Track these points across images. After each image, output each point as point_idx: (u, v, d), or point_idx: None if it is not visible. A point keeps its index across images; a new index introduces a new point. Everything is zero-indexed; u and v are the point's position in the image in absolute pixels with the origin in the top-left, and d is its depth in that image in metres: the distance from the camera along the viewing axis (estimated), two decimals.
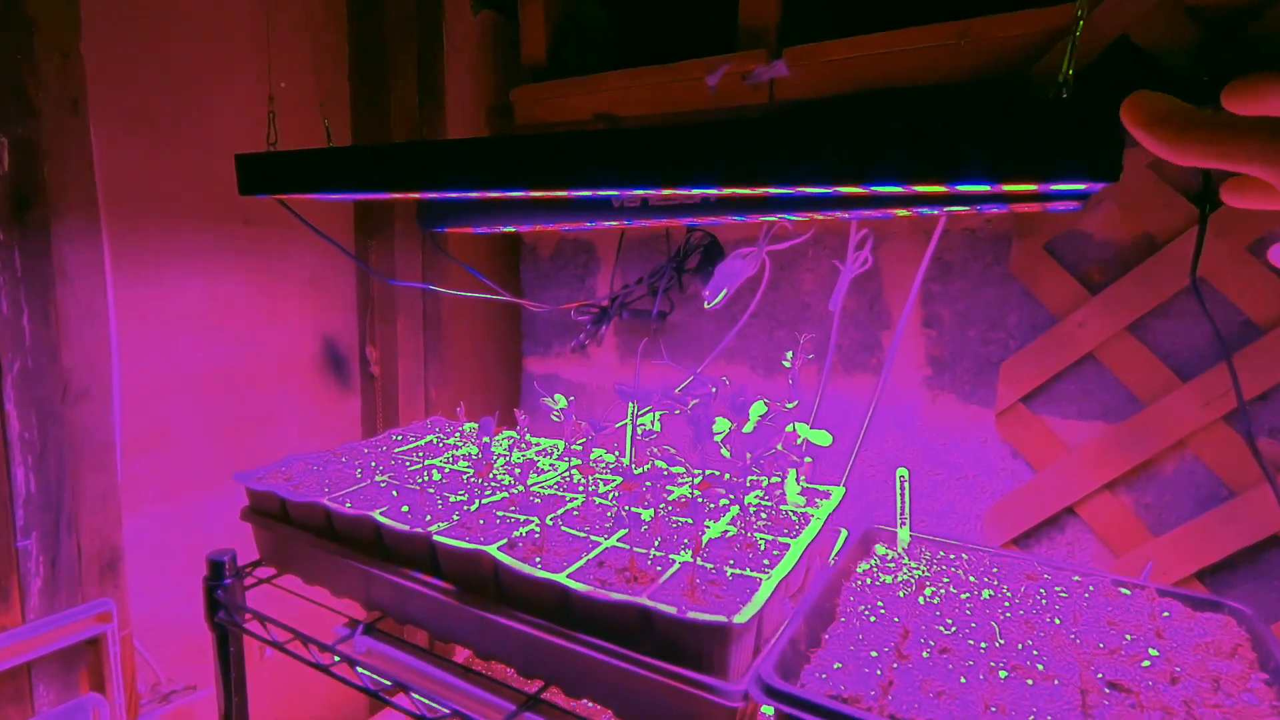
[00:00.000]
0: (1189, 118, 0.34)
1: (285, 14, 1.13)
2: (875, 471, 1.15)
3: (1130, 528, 0.96)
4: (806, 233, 1.12)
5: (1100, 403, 0.97)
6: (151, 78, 0.96)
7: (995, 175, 0.47)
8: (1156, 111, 0.35)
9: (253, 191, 0.86)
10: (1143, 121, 0.35)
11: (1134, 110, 0.35)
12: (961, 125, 0.47)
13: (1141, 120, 0.35)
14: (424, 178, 0.71)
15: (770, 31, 1.16)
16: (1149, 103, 0.35)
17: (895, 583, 0.72)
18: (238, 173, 0.84)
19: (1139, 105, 0.35)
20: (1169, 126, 0.34)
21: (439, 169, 0.70)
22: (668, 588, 0.65)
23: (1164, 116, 0.34)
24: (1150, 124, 0.35)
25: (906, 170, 0.49)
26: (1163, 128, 0.34)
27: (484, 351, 1.46)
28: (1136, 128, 0.35)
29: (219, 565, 0.88)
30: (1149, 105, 0.35)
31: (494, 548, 0.70)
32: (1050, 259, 0.98)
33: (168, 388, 1.02)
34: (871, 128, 0.49)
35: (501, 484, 0.89)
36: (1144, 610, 0.68)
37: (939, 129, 0.47)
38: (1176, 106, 0.34)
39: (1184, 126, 0.34)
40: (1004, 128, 0.46)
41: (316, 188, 0.82)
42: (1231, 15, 0.86)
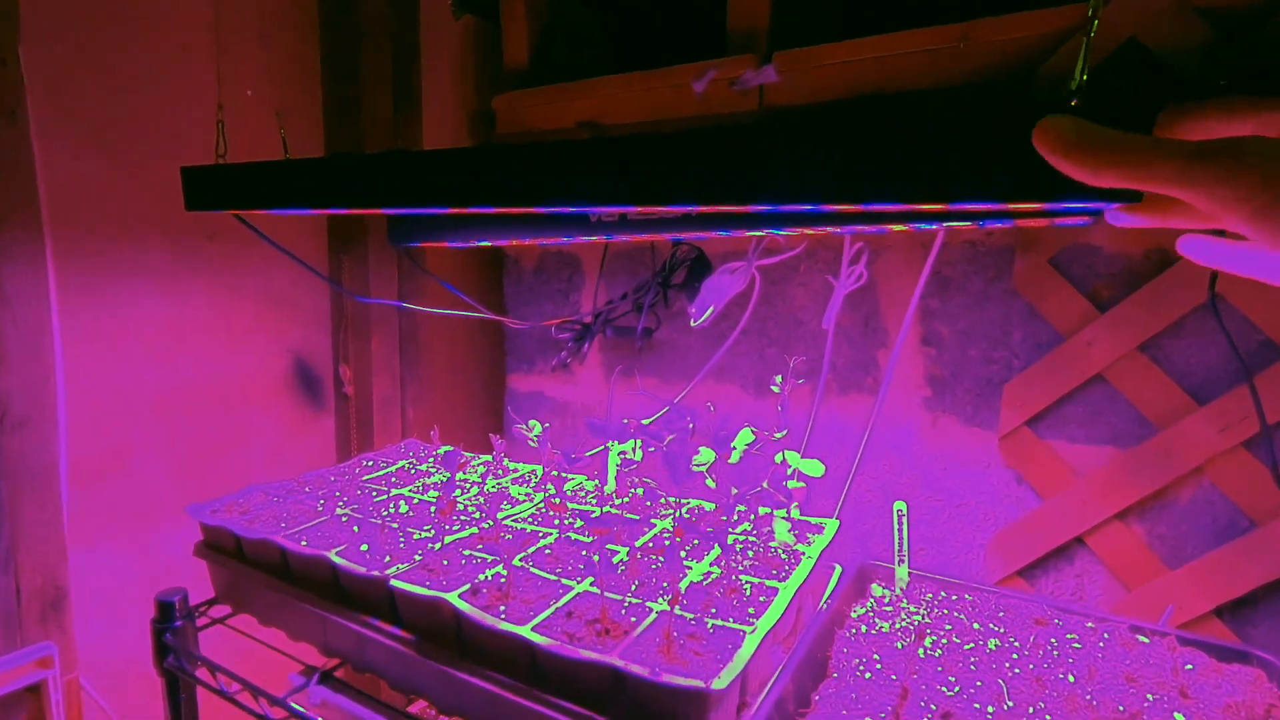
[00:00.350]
0: (1102, 141, 0.33)
1: (251, 21, 1.08)
2: (871, 498, 1.09)
3: (1143, 560, 0.90)
4: (798, 246, 1.07)
5: (1110, 426, 0.92)
6: (101, 86, 0.91)
7: (1000, 195, 0.41)
8: (1066, 137, 0.34)
9: (200, 207, 0.80)
10: (1053, 148, 0.34)
11: (1044, 137, 0.35)
12: (963, 143, 0.41)
13: (1052, 146, 0.35)
14: (382, 192, 0.66)
15: (760, 35, 1.11)
16: (1057, 128, 0.35)
17: (893, 630, 0.67)
18: (184, 186, 0.78)
19: (1048, 131, 0.35)
20: (1080, 151, 0.34)
21: (397, 183, 0.65)
22: (643, 641, 0.59)
23: (1074, 141, 0.34)
24: (1062, 150, 0.34)
25: (901, 193, 0.44)
26: (1076, 153, 0.34)
27: (464, 369, 1.40)
28: (1049, 154, 0.35)
29: (168, 606, 0.82)
30: (1057, 131, 0.34)
31: (454, 595, 0.64)
32: (1056, 274, 0.92)
33: (122, 413, 0.96)
34: (864, 145, 0.44)
35: (471, 517, 0.84)
36: (1165, 663, 0.62)
37: (938, 147, 0.41)
38: (1086, 130, 0.34)
39: (1096, 150, 0.33)
40: (1011, 144, 0.40)
41: (269, 203, 0.76)
42: (1245, 15, 0.80)
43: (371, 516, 0.84)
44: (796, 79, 1.04)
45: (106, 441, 0.95)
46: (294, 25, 1.16)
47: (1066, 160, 0.34)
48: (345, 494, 0.91)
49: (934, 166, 0.42)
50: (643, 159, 0.51)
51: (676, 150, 0.50)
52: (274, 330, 1.17)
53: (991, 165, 0.41)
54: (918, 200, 0.44)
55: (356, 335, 1.24)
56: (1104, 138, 0.33)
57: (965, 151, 0.41)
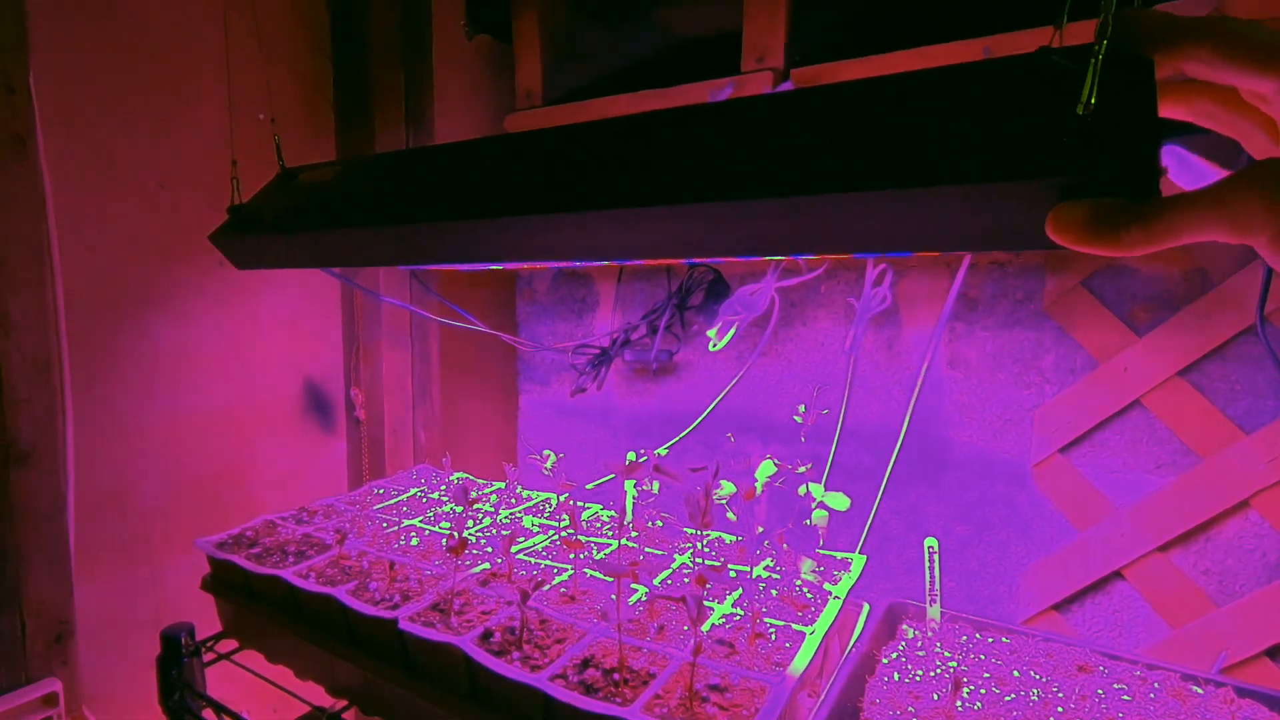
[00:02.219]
0: (1117, 220, 0.32)
1: (262, 44, 1.07)
2: (897, 530, 1.05)
3: (1188, 596, 0.86)
4: (819, 268, 1.04)
5: (1150, 455, 0.88)
6: (112, 114, 0.91)
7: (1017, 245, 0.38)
8: (1082, 221, 0.33)
9: (247, 266, 0.80)
10: (1073, 239, 0.33)
11: (1059, 227, 0.33)
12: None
13: (1071, 238, 0.33)
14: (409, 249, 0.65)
15: (776, 52, 1.09)
16: (1070, 216, 0.33)
17: (927, 678, 0.63)
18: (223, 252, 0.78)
19: (1062, 221, 0.33)
20: (1099, 236, 0.32)
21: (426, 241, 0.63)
22: (664, 695, 0.56)
23: (1091, 229, 0.32)
24: (1081, 239, 0.33)
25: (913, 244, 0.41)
26: (1095, 240, 0.32)
27: (478, 392, 1.38)
28: (1069, 244, 0.33)
29: (174, 642, 0.80)
30: (1070, 219, 0.33)
31: (467, 640, 0.62)
32: (1090, 296, 0.89)
33: (130, 443, 0.95)
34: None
35: (484, 551, 0.81)
36: (1223, 717, 0.58)
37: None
38: (1102, 208, 0.32)
39: (1114, 231, 0.32)
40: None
41: (286, 263, 0.76)
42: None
43: (382, 550, 0.81)
44: None
45: (114, 472, 0.93)
46: (306, 48, 1.15)
47: (1088, 247, 0.33)
48: (355, 525, 0.89)
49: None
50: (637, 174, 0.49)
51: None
52: (285, 354, 1.16)
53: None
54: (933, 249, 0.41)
55: (368, 358, 1.23)
56: (1121, 209, 0.32)
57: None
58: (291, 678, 0.80)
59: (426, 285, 1.22)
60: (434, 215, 0.62)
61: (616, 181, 0.52)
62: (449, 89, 1.29)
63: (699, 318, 1.06)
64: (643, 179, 0.51)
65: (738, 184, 0.45)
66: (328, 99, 1.20)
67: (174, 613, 0.84)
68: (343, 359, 1.25)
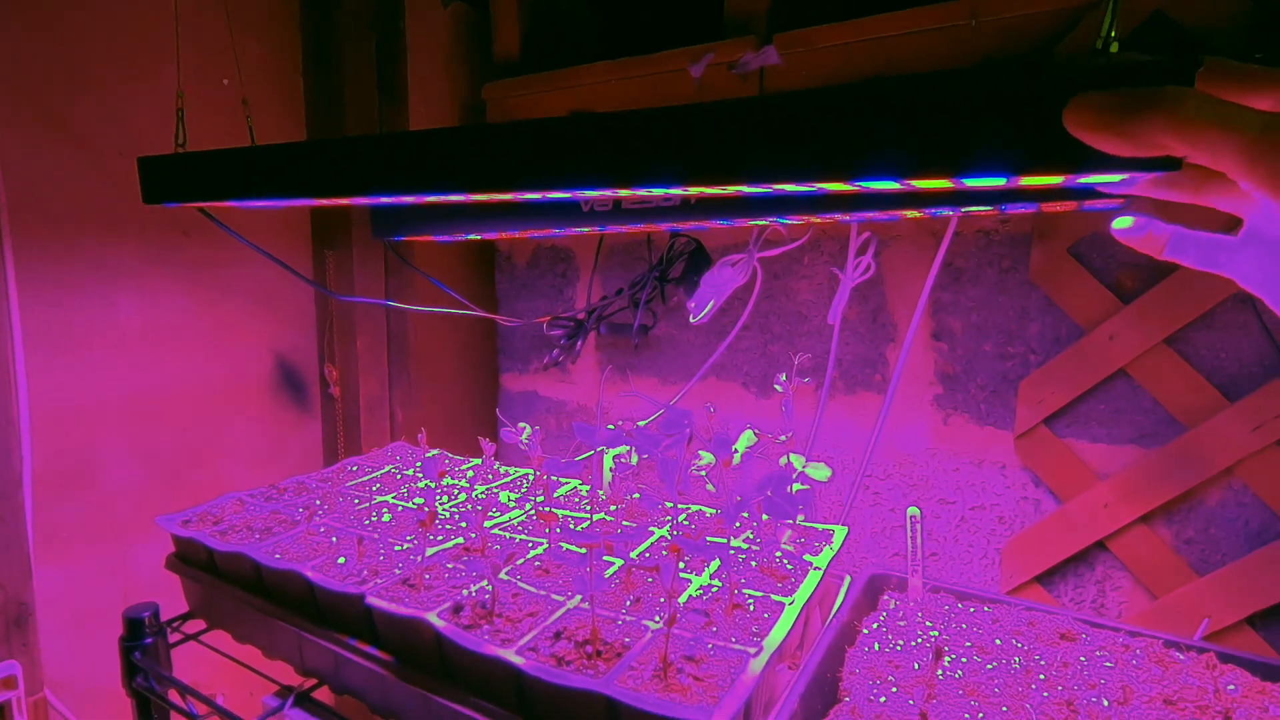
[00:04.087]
0: (1146, 100, 0.30)
1: (227, 8, 1.03)
2: (881, 502, 1.04)
3: (1170, 566, 0.85)
4: (802, 237, 1.02)
5: (1134, 425, 0.87)
6: (62, 75, 0.86)
7: (1017, 166, 0.36)
8: (1100, 106, 0.31)
9: (158, 199, 0.75)
10: (1093, 125, 0.31)
11: (1079, 114, 0.31)
12: (977, 102, 0.36)
13: (1091, 123, 0.31)
14: (354, 179, 0.61)
15: (759, 17, 1.06)
16: (1094, 101, 0.31)
17: (908, 648, 0.62)
18: (141, 178, 0.73)
19: (1084, 107, 0.31)
20: (1123, 119, 0.30)
21: (371, 168, 0.60)
22: (638, 666, 0.54)
23: (1111, 108, 0.30)
24: (1101, 124, 0.31)
25: (905, 163, 0.38)
26: (1117, 123, 0.30)
27: (456, 368, 1.35)
28: (1087, 134, 0.31)
29: (137, 623, 0.77)
30: (1094, 104, 0.31)
31: (434, 614, 0.60)
32: (1076, 263, 0.87)
33: (91, 419, 0.91)
34: (864, 107, 0.39)
35: (458, 526, 0.79)
36: (1205, 682, 0.57)
37: (949, 105, 0.36)
38: (1124, 94, 0.30)
39: (1141, 110, 0.30)
40: (1030, 102, 0.35)
41: (232, 194, 0.71)
42: None
43: (352, 526, 0.79)
44: (798, 62, 1.00)
45: (74, 449, 0.90)
46: (274, 13, 1.11)
47: (1105, 137, 0.31)
48: (326, 502, 0.86)
49: (950, 139, 0.37)
50: (624, 139, 0.46)
51: (665, 125, 0.45)
52: (256, 330, 1.13)
53: (1014, 138, 0.36)
54: (928, 174, 0.39)
55: (342, 334, 1.20)
56: (1140, 102, 0.30)
57: (986, 123, 0.36)
58: (259, 658, 0.77)
59: (404, 258, 1.19)
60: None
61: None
62: (423, 57, 1.25)
63: (680, 290, 1.04)
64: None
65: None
66: (297, 67, 1.16)
67: (142, 594, 0.82)
68: (316, 336, 1.22)
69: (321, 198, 0.65)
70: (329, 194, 0.62)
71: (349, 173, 0.60)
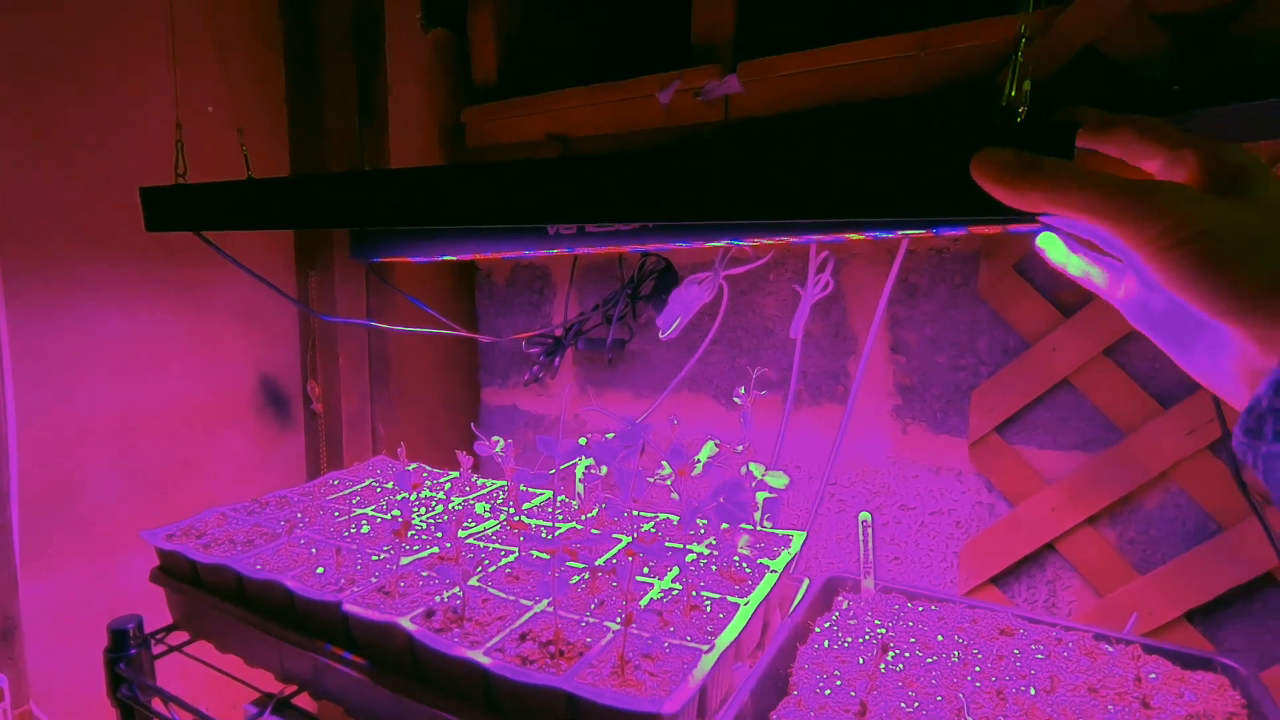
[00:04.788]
0: (1033, 169, 0.35)
1: (210, 33, 1.07)
2: (845, 509, 1.08)
3: (1114, 566, 0.90)
4: (766, 255, 1.06)
5: (1078, 432, 0.91)
6: (54, 96, 0.90)
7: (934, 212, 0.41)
8: (1002, 164, 0.36)
9: (161, 228, 0.79)
10: (989, 177, 0.37)
11: (981, 166, 0.37)
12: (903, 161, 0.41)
13: (987, 175, 0.37)
14: (343, 211, 0.65)
15: (725, 46, 1.11)
16: (994, 156, 0.37)
17: (855, 645, 0.66)
18: (144, 207, 0.77)
19: (985, 162, 0.37)
20: (1013, 178, 0.36)
21: (358, 202, 0.64)
22: (598, 663, 0.57)
23: (1008, 171, 0.36)
24: (996, 179, 0.36)
25: (840, 209, 0.43)
26: (1009, 179, 0.36)
27: (437, 384, 1.39)
28: (984, 183, 0.37)
29: (121, 634, 0.80)
30: (994, 160, 0.37)
31: (406, 619, 0.63)
32: (1020, 279, 0.92)
33: (77, 435, 0.94)
34: (803, 165, 0.44)
35: (434, 537, 0.82)
36: (1128, 672, 0.61)
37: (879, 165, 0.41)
38: (1021, 158, 0.36)
39: (1027, 177, 0.36)
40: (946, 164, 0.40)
41: (230, 223, 0.75)
42: (1202, 20, 0.81)
43: (331, 538, 0.82)
44: (761, 89, 1.04)
45: (61, 465, 0.92)
46: (256, 39, 1.15)
47: (999, 187, 0.37)
48: (306, 515, 0.89)
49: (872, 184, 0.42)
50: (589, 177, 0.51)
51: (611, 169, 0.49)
52: (240, 347, 1.16)
53: (928, 184, 0.41)
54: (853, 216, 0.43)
55: (325, 351, 1.23)
56: (1035, 166, 0.36)
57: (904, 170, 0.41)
58: (241, 667, 0.80)
59: (384, 278, 1.23)
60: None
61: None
62: (403, 82, 1.29)
63: (650, 306, 1.08)
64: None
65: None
66: (280, 92, 1.19)
67: (128, 607, 0.84)
68: (299, 352, 1.25)
69: (312, 225, 0.69)
70: (319, 223, 0.67)
71: (338, 205, 0.64)
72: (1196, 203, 0.32)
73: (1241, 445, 0.32)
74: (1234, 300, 0.31)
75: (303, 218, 0.69)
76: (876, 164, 0.42)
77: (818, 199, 0.43)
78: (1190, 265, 0.31)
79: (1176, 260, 0.32)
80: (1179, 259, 0.31)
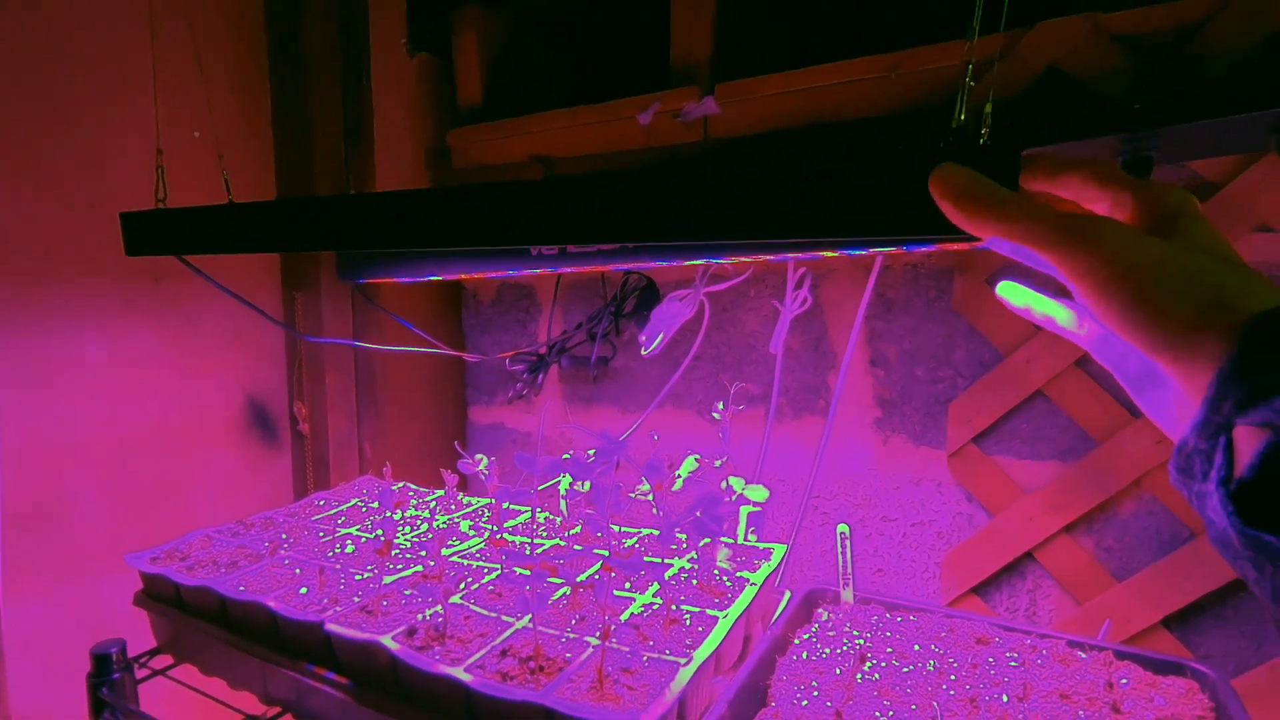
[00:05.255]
0: (985, 195, 0.36)
1: (195, 58, 1.08)
2: (828, 520, 1.09)
3: (1091, 573, 0.91)
4: (746, 272, 1.08)
5: (1053, 442, 0.93)
6: (34, 121, 0.91)
7: (889, 230, 0.42)
8: (959, 186, 0.37)
9: (141, 252, 0.80)
10: (943, 194, 0.38)
11: (937, 183, 0.38)
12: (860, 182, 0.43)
13: (942, 193, 0.38)
14: (322, 234, 0.66)
15: (703, 68, 1.13)
16: (953, 176, 0.38)
17: (833, 655, 0.66)
18: (124, 232, 0.78)
19: (943, 180, 0.38)
20: (967, 201, 0.37)
21: (338, 225, 0.65)
22: (576, 679, 0.58)
23: (962, 192, 0.37)
24: (951, 198, 0.37)
25: (803, 229, 0.45)
26: (963, 202, 0.37)
27: (425, 403, 1.39)
28: (938, 199, 0.38)
29: (104, 659, 0.80)
30: (950, 179, 0.37)
31: (388, 637, 0.63)
32: (994, 293, 0.94)
33: (60, 458, 0.94)
34: (773, 186, 0.45)
35: (418, 555, 0.83)
36: (1100, 678, 0.62)
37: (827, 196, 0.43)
38: (978, 183, 0.37)
39: (979, 202, 0.36)
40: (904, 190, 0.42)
41: (210, 247, 0.77)
42: (1161, 41, 0.84)
43: (315, 558, 0.82)
44: (738, 110, 1.07)
45: (43, 488, 0.93)
46: (241, 63, 1.17)
47: (953, 208, 0.38)
48: (291, 536, 0.90)
49: (831, 203, 0.44)
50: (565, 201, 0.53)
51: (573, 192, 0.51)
52: (226, 368, 1.16)
53: (884, 202, 0.43)
54: (818, 235, 0.45)
55: (311, 371, 1.23)
56: (989, 193, 0.37)
57: (861, 190, 0.43)
58: (227, 690, 0.80)
59: (370, 299, 1.24)
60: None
61: None
62: (388, 106, 1.31)
63: (632, 324, 1.09)
64: None
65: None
66: (266, 116, 1.21)
67: (111, 631, 0.84)
68: (286, 372, 1.26)
69: (292, 250, 0.71)
70: (299, 247, 0.68)
71: (318, 229, 0.66)
72: (1130, 239, 0.34)
73: (1177, 482, 0.33)
74: (1161, 335, 0.32)
75: (282, 241, 0.70)
76: (840, 184, 0.43)
77: (788, 218, 0.44)
78: (1120, 300, 0.32)
79: (1109, 294, 0.33)
80: (1112, 293, 0.33)
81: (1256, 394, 0.29)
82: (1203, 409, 0.31)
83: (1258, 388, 0.29)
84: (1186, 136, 0.79)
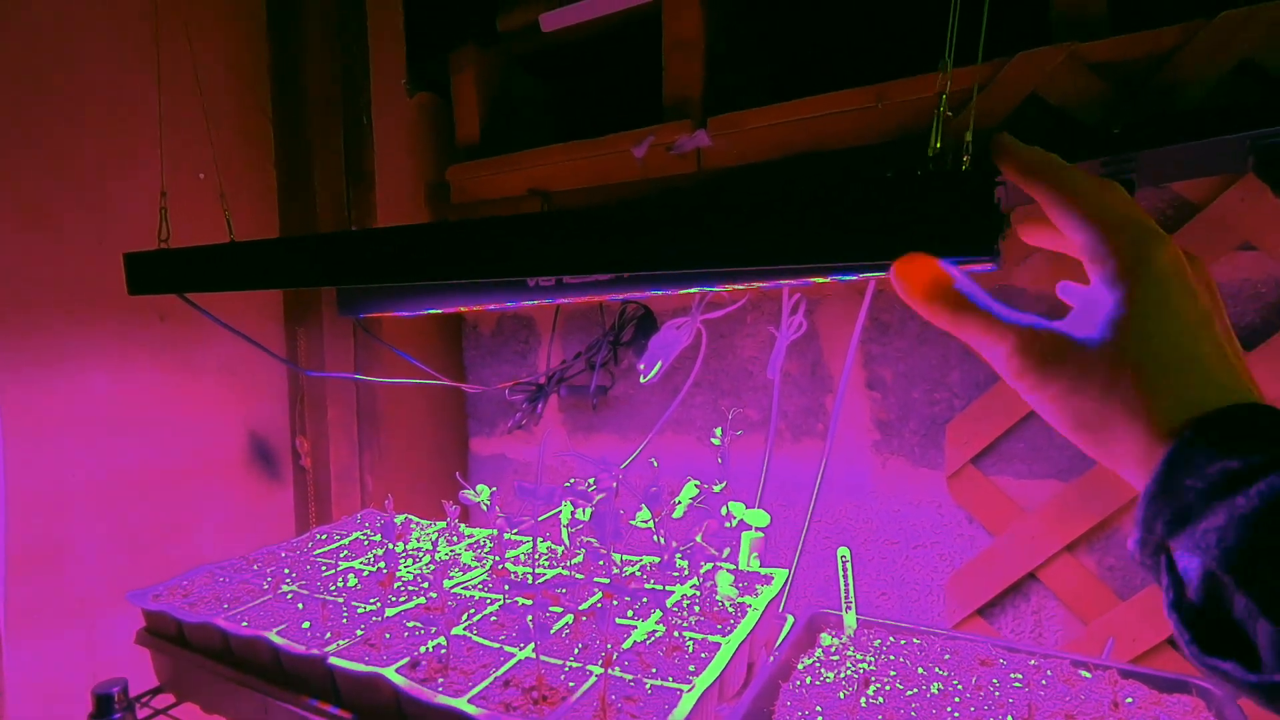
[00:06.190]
0: (939, 296, 0.38)
1: (199, 99, 1.11)
2: (833, 544, 1.09)
3: (1095, 592, 0.91)
4: (742, 299, 1.10)
5: (1051, 461, 0.94)
6: (39, 163, 0.93)
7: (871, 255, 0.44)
8: (921, 282, 0.39)
9: (144, 291, 0.82)
10: (909, 291, 0.39)
11: (901, 279, 0.39)
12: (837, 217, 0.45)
13: (904, 290, 0.39)
14: (322, 271, 0.68)
15: (694, 102, 1.16)
16: (918, 271, 0.39)
17: (837, 680, 0.66)
18: (126, 272, 0.80)
19: (907, 274, 0.39)
20: (929, 297, 0.39)
21: (333, 261, 0.67)
22: (579, 708, 0.58)
23: (927, 288, 0.38)
24: (916, 295, 0.39)
25: (796, 255, 0.47)
26: (925, 299, 0.39)
27: (426, 435, 1.40)
28: (905, 296, 0.39)
29: (105, 699, 0.79)
30: (917, 274, 0.39)
31: (391, 670, 0.63)
32: None
33: (64, 497, 0.95)
34: (760, 219, 0.47)
35: (420, 588, 0.83)
36: (1105, 697, 0.62)
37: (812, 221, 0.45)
38: (938, 281, 0.38)
39: (933, 299, 0.39)
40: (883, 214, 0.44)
41: (212, 286, 0.78)
42: (1137, 68, 0.86)
43: (318, 592, 0.82)
44: (730, 142, 1.09)
45: (47, 528, 0.93)
46: (244, 104, 1.20)
47: (914, 302, 0.39)
48: (294, 570, 0.90)
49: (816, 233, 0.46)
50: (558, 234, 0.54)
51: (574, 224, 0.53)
52: (229, 405, 1.17)
53: (875, 228, 0.44)
54: (802, 261, 0.46)
55: (313, 406, 1.24)
56: (951, 303, 0.38)
57: (849, 218, 0.45)
58: None
59: (371, 333, 1.25)
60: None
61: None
62: (389, 144, 1.34)
63: (631, 352, 1.11)
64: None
65: None
66: (269, 156, 1.24)
67: (114, 671, 0.83)
68: (288, 407, 1.26)
69: (291, 287, 0.72)
70: (301, 283, 0.69)
71: (319, 265, 0.67)
72: (1059, 346, 0.37)
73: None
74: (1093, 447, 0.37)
75: (283, 277, 0.72)
76: (831, 211, 0.45)
77: (781, 245, 0.46)
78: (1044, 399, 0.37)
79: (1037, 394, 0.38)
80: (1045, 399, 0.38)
81: (1180, 519, 0.29)
82: (1137, 528, 0.31)
83: (1180, 512, 0.29)
84: (1165, 160, 0.82)
